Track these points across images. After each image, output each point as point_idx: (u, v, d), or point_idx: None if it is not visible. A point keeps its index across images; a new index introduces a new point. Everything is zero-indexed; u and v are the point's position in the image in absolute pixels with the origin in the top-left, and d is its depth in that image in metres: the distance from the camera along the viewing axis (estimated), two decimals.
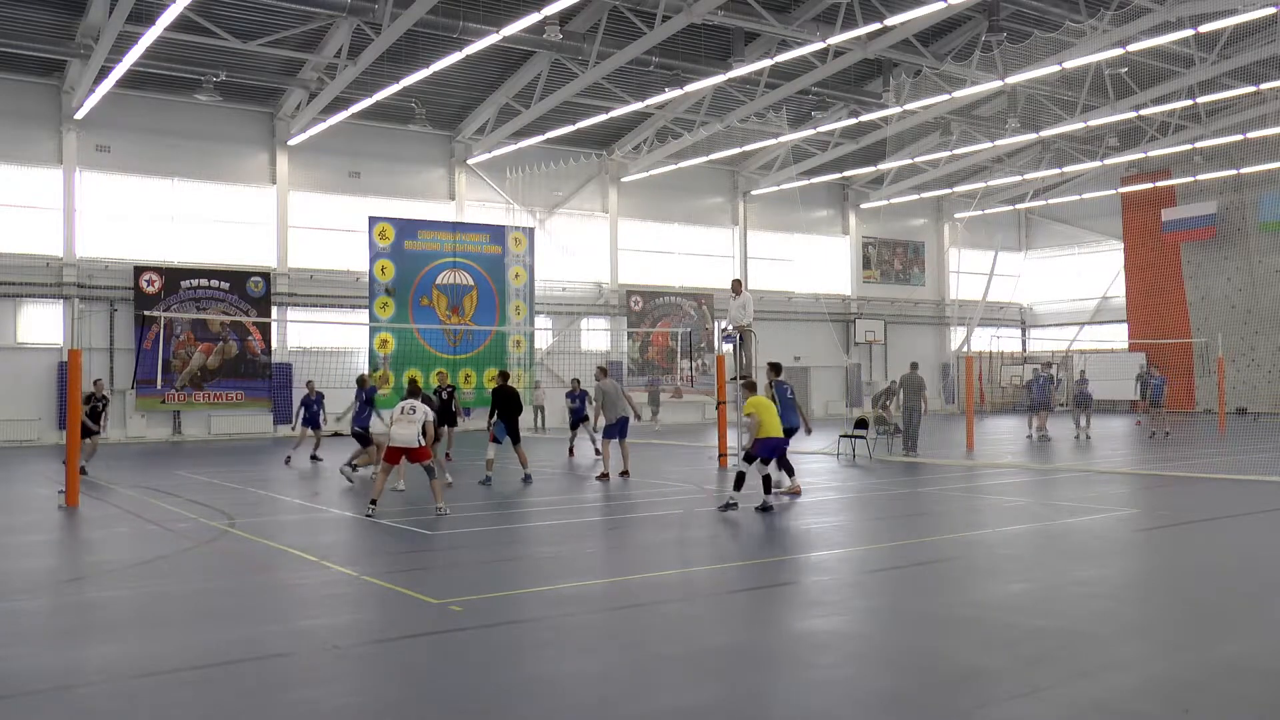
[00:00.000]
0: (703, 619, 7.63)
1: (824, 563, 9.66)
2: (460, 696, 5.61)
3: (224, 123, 30.75)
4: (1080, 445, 24.03)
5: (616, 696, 5.70)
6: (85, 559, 10.70)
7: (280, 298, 31.03)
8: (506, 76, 30.70)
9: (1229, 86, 30.41)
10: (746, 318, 18.95)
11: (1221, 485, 15.43)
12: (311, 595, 8.46)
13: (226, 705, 5.55)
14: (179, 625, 7.39)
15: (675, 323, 37.22)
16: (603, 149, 36.33)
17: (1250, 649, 6.44)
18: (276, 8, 24.46)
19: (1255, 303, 39.09)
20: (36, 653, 6.66)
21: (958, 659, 6.26)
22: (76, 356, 14.19)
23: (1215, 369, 34.12)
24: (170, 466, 20.10)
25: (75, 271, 28.51)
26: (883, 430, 22.05)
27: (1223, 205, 40.37)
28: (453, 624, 7.25)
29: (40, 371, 28.11)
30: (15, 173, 28.17)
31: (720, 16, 24.41)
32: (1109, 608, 7.67)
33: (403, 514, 12.72)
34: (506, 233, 33.60)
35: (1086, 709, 5.26)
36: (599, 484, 16.32)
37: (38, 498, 15.53)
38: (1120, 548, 10.58)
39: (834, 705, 5.47)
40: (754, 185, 40.23)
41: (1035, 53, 26.87)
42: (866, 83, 31.60)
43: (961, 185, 41.74)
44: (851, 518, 13.04)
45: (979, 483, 16.51)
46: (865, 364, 42.93)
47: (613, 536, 11.56)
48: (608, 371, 19.04)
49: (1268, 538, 11.03)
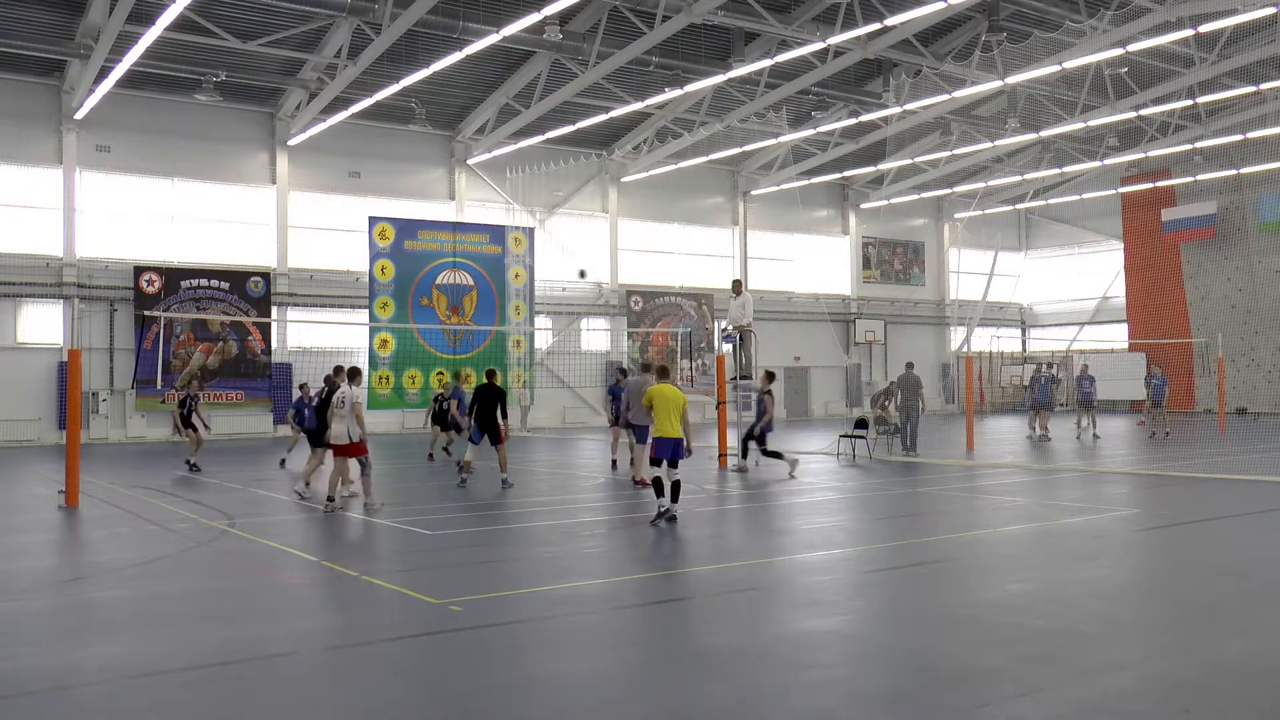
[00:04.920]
0: (703, 619, 7.63)
1: (824, 563, 9.66)
2: (460, 696, 5.61)
3: (224, 123, 30.75)
4: (1083, 445, 24.02)
5: (616, 696, 5.70)
6: (85, 559, 10.70)
7: (280, 298, 31.03)
8: (506, 76, 30.70)
9: (1229, 86, 30.41)
10: (746, 318, 18.93)
11: (1221, 485, 15.43)
12: (311, 595, 8.46)
13: (226, 705, 5.55)
14: (179, 625, 7.38)
15: (675, 323, 37.23)
16: (603, 149, 36.33)
17: (1250, 649, 6.44)
18: (276, 8, 24.45)
19: (1255, 303, 39.08)
20: (36, 653, 6.66)
21: (958, 659, 6.26)
22: (76, 356, 14.20)
23: (1215, 369, 34.12)
24: (170, 466, 20.10)
25: (75, 271, 28.51)
26: (882, 430, 22.05)
27: (1223, 205, 40.37)
28: (453, 624, 7.25)
29: (40, 371, 28.11)
30: (15, 173, 28.17)
31: (720, 16, 24.41)
32: (1109, 608, 7.67)
33: (403, 514, 12.71)
34: (506, 233, 33.60)
35: (1086, 709, 5.26)
36: (602, 486, 16.28)
37: (38, 498, 15.53)
38: (1120, 548, 10.58)
39: (834, 705, 5.47)
40: (754, 185, 40.23)
41: (1035, 53, 26.87)
42: (866, 83, 31.60)
43: (961, 185, 41.74)
44: (851, 518, 13.03)
45: (979, 483, 16.51)
46: (865, 364, 42.92)
47: (611, 537, 11.55)
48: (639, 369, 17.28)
49: (1268, 538, 11.03)
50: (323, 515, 12.73)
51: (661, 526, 11.52)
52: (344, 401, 12.79)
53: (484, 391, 15.95)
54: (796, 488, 15.73)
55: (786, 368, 40.71)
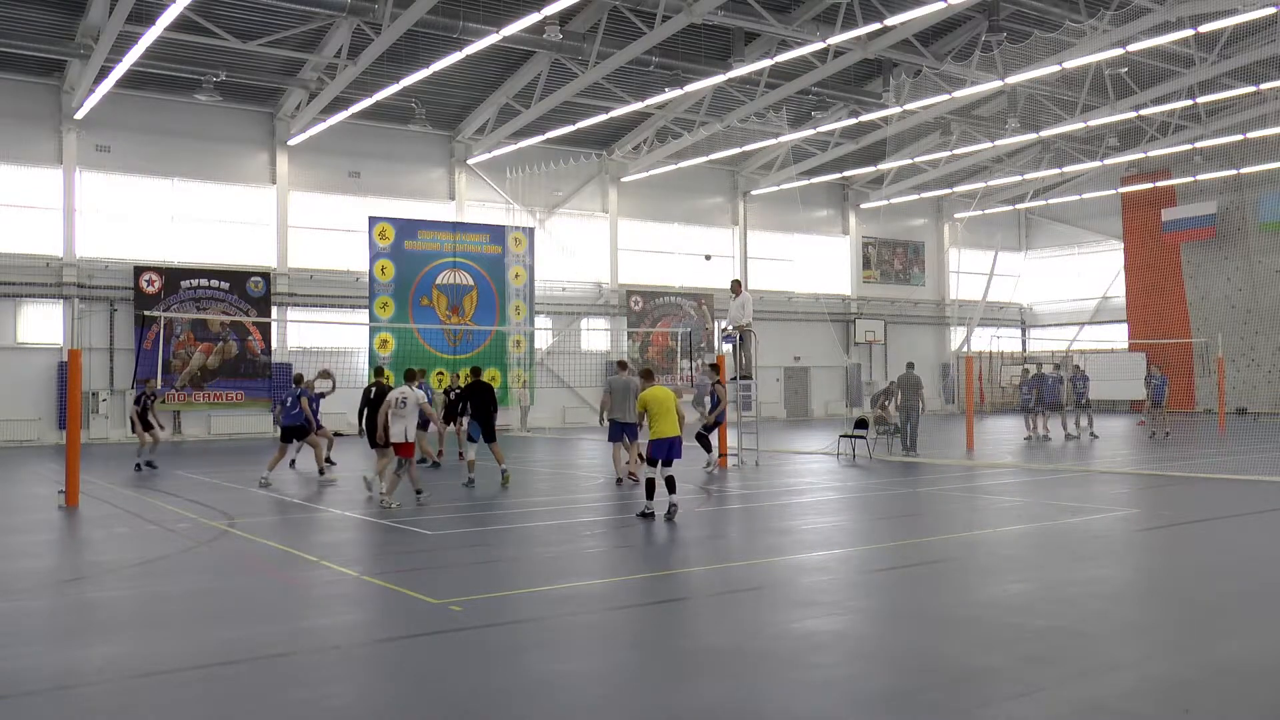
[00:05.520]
0: (702, 619, 7.63)
1: (824, 563, 9.66)
2: (460, 696, 5.61)
3: (224, 123, 30.75)
4: (1083, 445, 24.01)
5: (616, 696, 5.70)
6: (85, 559, 10.70)
7: (280, 298, 31.03)
8: (506, 76, 30.70)
9: (1229, 86, 30.40)
10: (746, 317, 18.93)
11: (1221, 485, 15.43)
12: (311, 595, 8.46)
13: (226, 705, 5.55)
14: (179, 625, 7.38)
15: (675, 323, 37.23)
16: (603, 149, 36.34)
17: (1250, 649, 6.44)
18: (276, 8, 24.45)
19: (1255, 303, 39.08)
20: (36, 653, 6.66)
21: (958, 659, 6.26)
22: (76, 356, 14.20)
23: (1215, 369, 34.12)
24: (170, 466, 20.10)
25: (75, 271, 28.51)
26: (882, 430, 22.05)
27: (1223, 205, 40.36)
28: (453, 624, 7.25)
29: (40, 371, 28.11)
30: (15, 173, 28.17)
31: (720, 16, 24.41)
32: (1109, 608, 7.67)
33: (403, 514, 12.71)
34: (506, 233, 33.60)
35: (1086, 709, 5.26)
36: (601, 486, 16.29)
37: (38, 498, 15.53)
38: (1120, 548, 10.58)
39: (834, 705, 5.47)
40: (754, 185, 40.23)
41: (1035, 53, 26.87)
42: (866, 83, 31.60)
43: (961, 185, 41.74)
44: (851, 518, 13.03)
45: (979, 483, 16.52)
46: (865, 364, 42.93)
47: (612, 536, 11.55)
48: (626, 365, 17.03)
49: (1268, 538, 11.03)
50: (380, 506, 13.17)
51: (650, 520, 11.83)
52: (405, 402, 13.25)
53: (478, 389, 16.06)
54: (797, 488, 15.73)
55: (786, 368, 40.74)
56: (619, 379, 15.95)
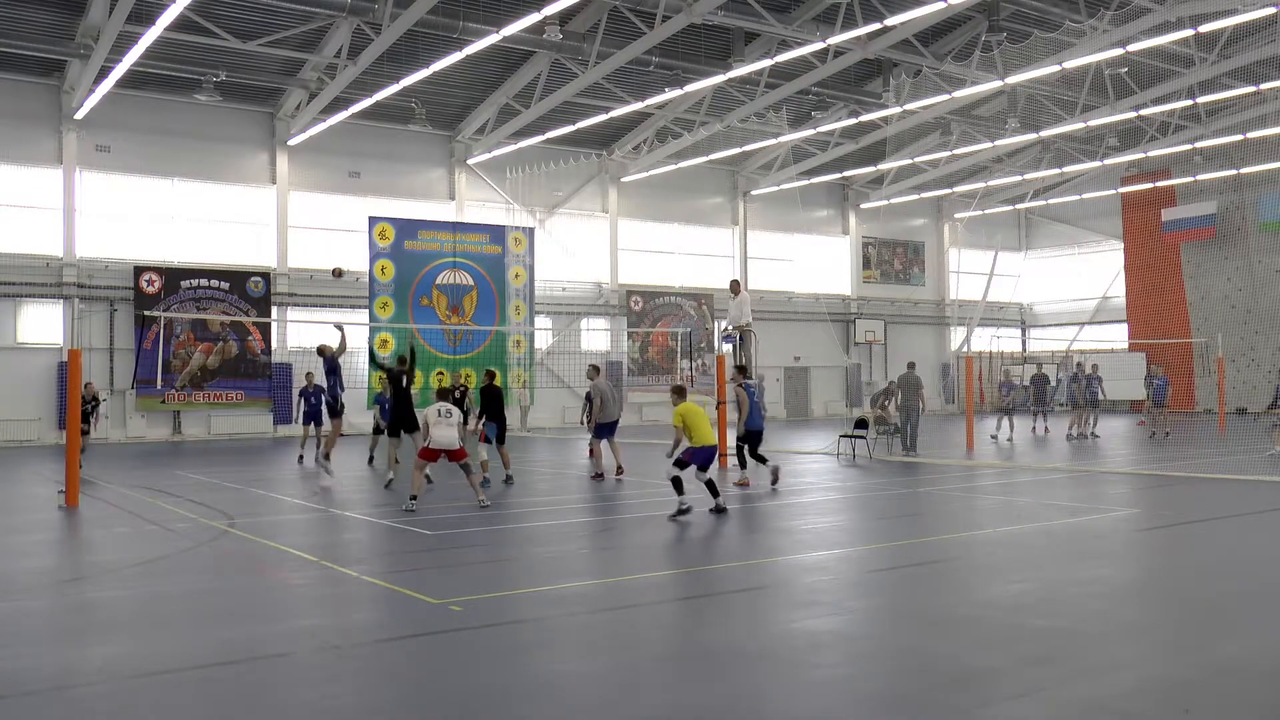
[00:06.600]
0: (702, 619, 7.63)
1: (824, 563, 9.66)
2: (460, 696, 5.61)
3: (224, 123, 30.75)
4: (1080, 446, 24.01)
5: (616, 696, 5.69)
6: (85, 559, 10.70)
7: (280, 298, 31.04)
8: (506, 76, 30.70)
9: (1229, 86, 30.41)
10: (745, 317, 18.93)
11: (1221, 485, 15.42)
12: (311, 595, 8.46)
13: (226, 705, 5.55)
14: (179, 625, 7.38)
15: (675, 323, 37.22)
16: (603, 149, 36.33)
17: (1250, 649, 6.43)
18: (276, 8, 24.46)
19: (1255, 303, 39.08)
20: (36, 653, 6.65)
21: (958, 659, 6.26)
22: (76, 356, 14.20)
23: (1215, 369, 34.11)
24: (170, 466, 20.10)
25: (75, 271, 28.51)
26: (882, 430, 22.05)
27: (1223, 205, 40.36)
28: (453, 624, 7.25)
29: (40, 371, 28.11)
30: (15, 173, 28.18)
31: (720, 16, 24.41)
32: (1109, 608, 7.67)
33: (403, 513, 12.71)
34: (506, 233, 33.60)
35: (1086, 709, 5.26)
36: (595, 484, 16.31)
37: (38, 498, 15.53)
38: (1120, 548, 10.58)
39: (834, 705, 5.47)
40: (754, 185, 40.23)
41: (1035, 53, 26.87)
42: (866, 83, 31.60)
43: (961, 185, 41.73)
44: (851, 518, 13.03)
45: (979, 483, 16.52)
46: (865, 364, 42.93)
47: (611, 536, 11.56)
48: (600, 370, 17.83)
49: (1268, 538, 11.03)
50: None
51: (681, 522, 11.80)
52: (451, 413, 13.24)
53: (491, 392, 16.40)
54: (796, 488, 15.73)
55: (786, 368, 40.73)
56: (602, 383, 16.89)
